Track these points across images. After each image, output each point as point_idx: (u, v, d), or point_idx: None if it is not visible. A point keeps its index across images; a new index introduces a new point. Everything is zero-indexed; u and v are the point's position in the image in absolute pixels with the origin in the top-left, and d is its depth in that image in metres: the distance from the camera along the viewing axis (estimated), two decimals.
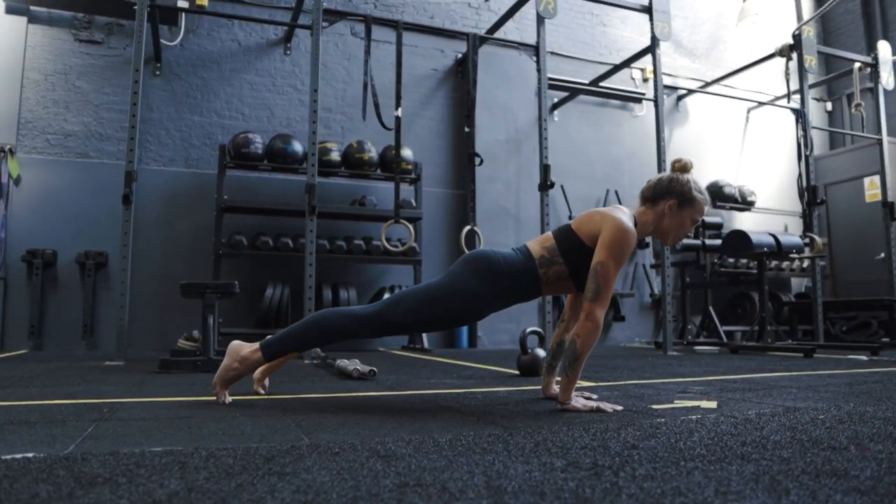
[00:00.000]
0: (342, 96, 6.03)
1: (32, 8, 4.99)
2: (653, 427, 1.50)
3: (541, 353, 3.05)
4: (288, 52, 5.88)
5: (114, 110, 5.20)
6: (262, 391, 2.21)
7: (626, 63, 6.10)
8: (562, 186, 6.64)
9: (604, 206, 6.94)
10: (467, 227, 4.77)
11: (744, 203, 7.08)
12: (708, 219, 6.33)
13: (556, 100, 6.87)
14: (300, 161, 5.23)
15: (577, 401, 1.84)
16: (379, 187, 5.86)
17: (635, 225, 1.94)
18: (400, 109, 4.41)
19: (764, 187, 7.69)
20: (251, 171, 5.43)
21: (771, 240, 4.88)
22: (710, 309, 6.21)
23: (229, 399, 1.99)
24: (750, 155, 7.84)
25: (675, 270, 6.76)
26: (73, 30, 5.16)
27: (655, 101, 5.12)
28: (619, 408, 1.84)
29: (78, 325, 4.89)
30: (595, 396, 2.05)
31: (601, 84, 6.65)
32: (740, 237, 4.96)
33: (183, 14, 5.40)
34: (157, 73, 5.41)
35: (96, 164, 5.09)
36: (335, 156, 5.40)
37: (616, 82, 7.00)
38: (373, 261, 5.56)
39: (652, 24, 5.12)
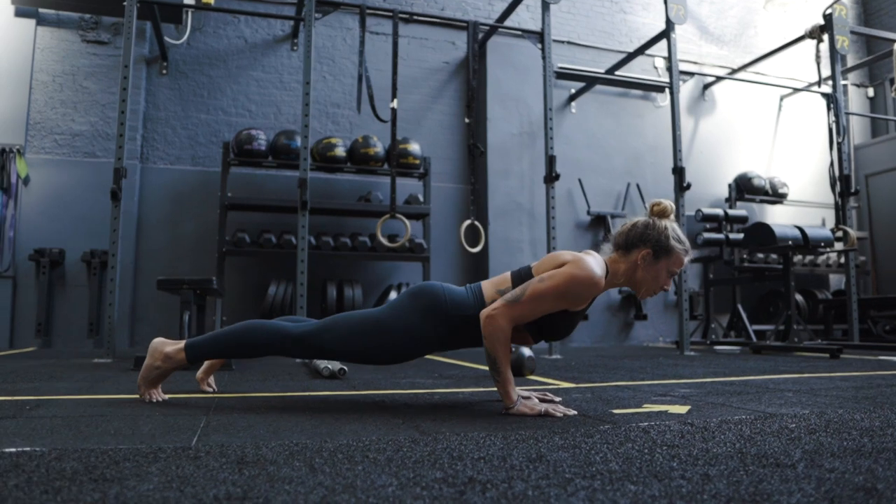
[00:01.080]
0: (350, 91, 5.94)
1: (41, 10, 5.06)
2: (586, 435, 1.32)
3: (526, 352, 2.88)
4: (295, 48, 5.83)
5: None
6: (210, 389, 2.11)
7: (641, 50, 5.81)
8: (580, 180, 6.40)
9: (623, 202, 6.74)
10: (467, 222, 4.60)
11: (775, 195, 6.70)
12: (732, 212, 5.98)
13: (573, 91, 6.62)
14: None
15: (525, 404, 1.67)
16: (386, 183, 5.74)
17: (607, 273, 1.74)
18: (395, 101, 4.28)
19: (798, 179, 7.26)
20: (256, 169, 5.39)
21: (796, 232, 4.56)
22: (739, 307, 5.86)
23: (165, 396, 1.89)
24: (783, 145, 7.41)
25: (698, 266, 6.44)
26: (80, 31, 5.22)
27: (671, 87, 4.85)
28: (573, 412, 1.66)
29: (85, 323, 4.93)
30: (558, 399, 1.87)
31: (617, 73, 6.37)
32: (763, 230, 4.65)
33: (189, 12, 5.40)
34: (164, 71, 5.43)
35: (103, 163, 5.13)
36: (340, 151, 5.32)
37: (637, 71, 6.71)
38: (380, 258, 5.45)
39: (666, 7, 4.86)
